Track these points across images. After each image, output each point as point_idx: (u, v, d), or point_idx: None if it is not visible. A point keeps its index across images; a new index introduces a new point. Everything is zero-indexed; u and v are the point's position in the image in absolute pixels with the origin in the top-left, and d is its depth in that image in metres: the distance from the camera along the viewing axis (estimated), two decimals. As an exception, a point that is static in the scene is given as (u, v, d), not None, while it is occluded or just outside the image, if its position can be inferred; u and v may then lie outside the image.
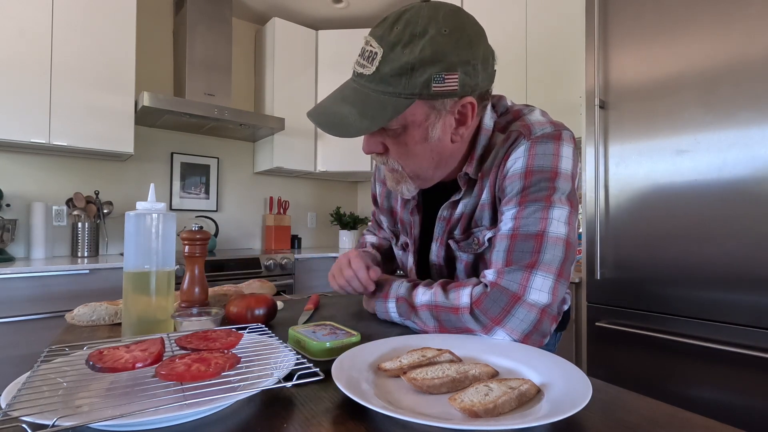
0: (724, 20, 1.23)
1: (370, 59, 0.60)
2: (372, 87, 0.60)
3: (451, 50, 0.58)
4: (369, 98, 0.60)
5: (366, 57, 0.60)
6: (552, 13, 1.99)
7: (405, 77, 0.58)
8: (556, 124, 0.69)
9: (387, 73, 0.58)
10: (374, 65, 0.59)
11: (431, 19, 0.59)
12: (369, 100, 0.60)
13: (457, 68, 0.59)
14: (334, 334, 0.59)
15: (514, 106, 0.74)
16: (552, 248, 0.62)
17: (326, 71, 3.07)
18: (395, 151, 0.67)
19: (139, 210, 0.65)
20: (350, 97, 0.61)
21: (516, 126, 0.70)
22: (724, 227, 1.21)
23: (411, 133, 0.64)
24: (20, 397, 0.38)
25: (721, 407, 1.21)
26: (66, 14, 2.08)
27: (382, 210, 0.96)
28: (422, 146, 0.65)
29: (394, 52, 0.58)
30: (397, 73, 0.58)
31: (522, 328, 0.60)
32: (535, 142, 0.66)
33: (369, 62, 0.60)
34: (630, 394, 0.46)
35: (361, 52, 0.62)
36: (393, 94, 0.59)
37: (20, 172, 2.26)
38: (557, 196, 0.64)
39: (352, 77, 0.64)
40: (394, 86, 0.59)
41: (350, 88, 0.62)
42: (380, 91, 0.59)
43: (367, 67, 0.60)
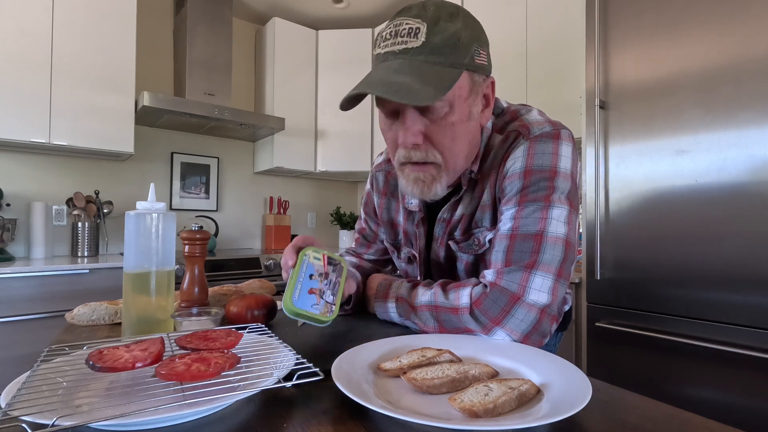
0: (725, 20, 1.23)
1: (412, 34, 0.59)
2: (422, 59, 0.59)
3: (480, 30, 0.63)
4: (423, 69, 0.58)
5: (404, 34, 0.60)
6: (552, 13, 1.99)
7: (454, 47, 0.59)
8: (555, 124, 0.68)
9: (437, 43, 0.59)
10: (420, 38, 0.59)
11: (455, 5, 0.63)
12: (424, 70, 0.58)
13: (486, 47, 0.64)
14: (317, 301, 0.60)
15: (510, 107, 0.74)
16: (551, 248, 0.62)
17: (326, 71, 3.07)
18: (439, 137, 0.64)
19: (139, 210, 0.65)
20: (403, 70, 0.58)
21: (514, 126, 0.69)
22: (723, 227, 1.21)
23: (457, 110, 0.63)
24: (20, 396, 0.38)
25: (721, 407, 1.21)
26: (66, 14, 2.08)
27: (381, 222, 0.92)
28: (465, 126, 0.65)
29: (438, 25, 0.59)
30: (447, 43, 0.59)
31: (522, 328, 0.60)
32: (534, 141, 0.66)
33: (412, 37, 0.59)
34: (630, 394, 0.46)
35: (389, 35, 0.61)
36: (445, 64, 0.59)
37: (20, 172, 2.26)
38: (556, 195, 0.64)
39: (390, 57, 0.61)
40: (445, 56, 0.59)
41: (397, 63, 0.60)
42: (432, 62, 0.59)
43: (411, 42, 0.59)
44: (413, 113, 0.63)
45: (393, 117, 0.66)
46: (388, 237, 0.92)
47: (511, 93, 2.15)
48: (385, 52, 0.61)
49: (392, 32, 0.61)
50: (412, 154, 0.65)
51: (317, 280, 0.61)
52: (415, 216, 0.81)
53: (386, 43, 0.61)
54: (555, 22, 1.98)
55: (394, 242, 0.92)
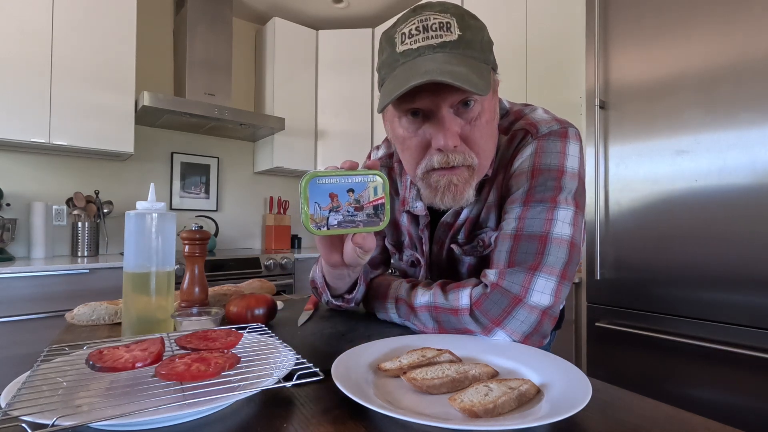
0: (725, 21, 1.23)
1: (444, 28, 0.56)
2: (460, 52, 0.56)
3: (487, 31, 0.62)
4: (469, 61, 0.55)
5: (435, 28, 0.56)
6: (552, 13, 1.99)
7: (483, 44, 0.58)
8: (562, 122, 0.67)
9: (471, 39, 0.57)
10: (455, 32, 0.56)
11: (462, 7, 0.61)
12: (470, 63, 0.55)
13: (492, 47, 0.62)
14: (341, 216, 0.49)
15: (513, 107, 0.73)
16: (556, 250, 0.61)
17: (326, 71, 3.07)
18: (476, 137, 0.61)
19: (139, 210, 0.65)
20: (453, 61, 0.54)
21: (520, 125, 0.68)
22: (723, 227, 1.21)
23: (487, 109, 0.61)
24: (20, 396, 0.38)
25: (721, 407, 1.21)
26: (66, 14, 2.08)
27: None
28: (492, 126, 0.64)
29: (464, 21, 0.57)
30: (478, 39, 0.58)
31: (522, 329, 0.60)
32: (542, 140, 0.65)
33: (446, 30, 0.56)
34: (630, 395, 0.46)
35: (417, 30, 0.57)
36: (479, 60, 0.57)
37: (20, 172, 2.26)
38: (563, 196, 0.63)
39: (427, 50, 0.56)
40: (479, 51, 0.58)
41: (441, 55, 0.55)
42: (471, 56, 0.57)
43: (447, 35, 0.56)
44: (450, 113, 0.59)
45: (417, 122, 0.61)
46: (390, 237, 0.89)
47: (511, 93, 2.15)
48: (419, 47, 0.57)
49: (420, 27, 0.57)
50: (450, 157, 0.60)
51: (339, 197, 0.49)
52: (421, 220, 0.79)
53: (416, 38, 0.57)
54: (555, 22, 1.98)
55: (396, 243, 0.88)
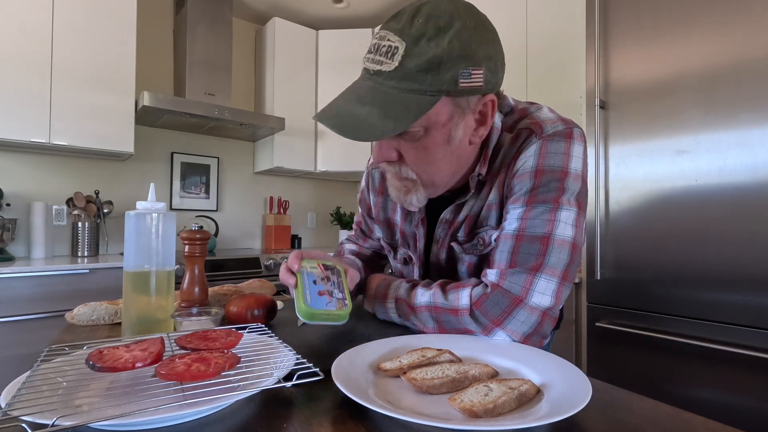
0: (725, 21, 1.23)
1: (389, 54, 0.55)
2: (393, 84, 0.56)
3: (477, 45, 0.56)
4: (390, 97, 0.55)
5: (382, 52, 0.56)
6: (552, 13, 1.99)
7: (432, 72, 0.54)
8: (567, 122, 0.67)
9: (412, 69, 0.54)
10: (396, 60, 0.55)
11: (454, 13, 0.56)
12: (391, 99, 0.55)
13: (482, 64, 0.57)
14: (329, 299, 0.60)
15: (518, 105, 0.72)
16: (558, 251, 0.61)
17: (326, 71, 3.07)
18: (412, 157, 0.63)
19: (139, 210, 0.65)
20: (368, 97, 0.56)
21: (525, 124, 0.67)
22: (724, 228, 1.21)
23: (433, 135, 0.60)
24: (20, 396, 0.38)
25: (721, 407, 1.21)
26: (66, 14, 2.08)
27: (377, 221, 0.91)
28: (443, 149, 0.62)
29: (419, 45, 0.54)
30: (424, 68, 0.54)
31: (523, 330, 0.60)
32: (546, 140, 0.64)
33: (388, 57, 0.55)
34: (630, 395, 0.46)
35: (373, 48, 0.58)
36: (418, 92, 0.55)
37: (20, 172, 2.26)
38: (566, 197, 0.63)
39: (366, 75, 0.59)
40: (419, 82, 0.55)
41: (366, 87, 0.58)
42: (403, 89, 0.55)
43: (386, 63, 0.56)
44: None
45: None
46: (385, 236, 0.90)
47: (511, 93, 2.13)
48: (364, 68, 0.59)
49: (375, 45, 0.58)
50: (386, 167, 0.66)
51: (321, 284, 0.62)
52: (415, 216, 0.80)
53: (368, 57, 0.58)
54: (555, 22, 1.98)
55: (391, 242, 0.89)
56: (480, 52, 0.57)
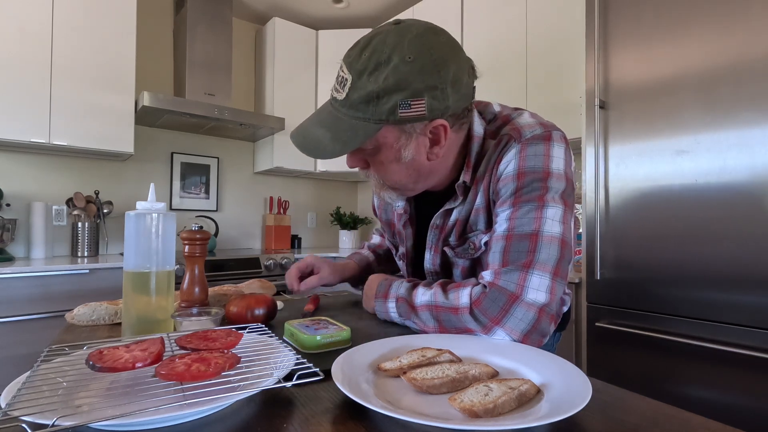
0: (725, 21, 1.23)
1: (342, 85, 0.62)
2: (344, 111, 0.62)
3: (414, 77, 0.59)
4: (342, 122, 0.62)
5: (339, 82, 0.63)
6: (552, 13, 1.99)
7: (372, 104, 0.60)
8: (546, 125, 0.69)
9: (356, 100, 0.60)
10: (345, 91, 0.61)
11: (396, 47, 0.59)
12: (342, 124, 0.62)
13: (423, 94, 0.60)
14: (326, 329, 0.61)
15: (502, 111, 0.75)
16: (547, 247, 0.62)
17: (326, 71, 3.07)
18: (374, 167, 0.70)
19: (139, 210, 0.65)
20: (326, 121, 0.64)
21: (506, 130, 0.70)
22: (724, 228, 1.21)
23: (384, 153, 0.66)
24: (20, 396, 0.38)
25: (721, 407, 1.21)
26: (66, 14, 2.08)
27: (382, 222, 0.98)
28: (397, 165, 0.67)
29: (360, 80, 0.60)
30: (364, 101, 0.60)
31: (521, 327, 0.60)
32: (525, 144, 0.67)
33: (342, 88, 0.62)
34: (630, 395, 0.46)
35: (337, 75, 0.65)
36: (363, 119, 0.61)
37: (20, 172, 2.26)
38: (550, 195, 0.65)
39: (329, 100, 0.66)
40: (363, 112, 0.61)
41: (326, 112, 0.65)
42: (351, 116, 0.61)
43: (339, 92, 0.62)
44: None
45: None
46: (388, 235, 0.97)
47: (511, 93, 2.15)
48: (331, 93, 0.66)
49: (337, 74, 0.65)
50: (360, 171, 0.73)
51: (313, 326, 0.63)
52: (403, 217, 0.85)
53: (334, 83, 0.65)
54: (555, 22, 1.98)
55: (392, 241, 0.95)
56: (418, 84, 0.59)
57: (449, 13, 2.48)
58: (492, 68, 2.25)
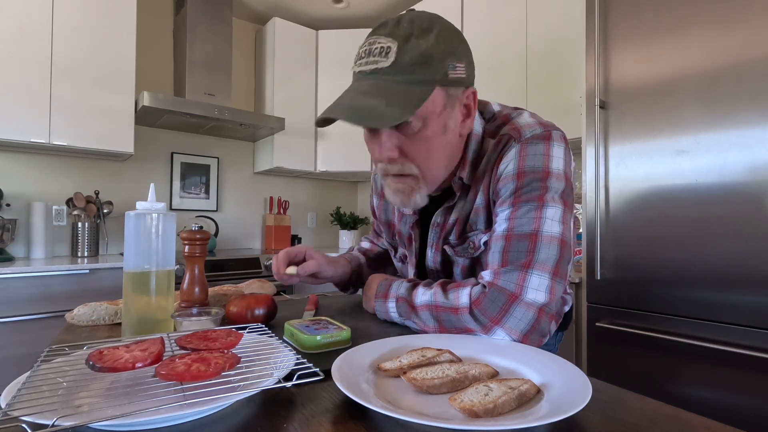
0: (725, 21, 1.23)
1: (383, 53, 0.60)
2: (391, 78, 0.60)
3: (456, 43, 0.63)
4: (392, 89, 0.60)
5: (376, 53, 0.61)
6: (552, 13, 1.99)
7: (425, 65, 0.60)
8: (546, 125, 0.69)
9: (407, 62, 0.60)
10: (390, 57, 0.60)
11: (432, 19, 0.63)
12: (392, 91, 0.60)
13: (463, 58, 0.64)
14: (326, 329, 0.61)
15: (502, 111, 0.75)
16: (546, 247, 0.62)
17: (326, 71, 3.07)
18: (414, 151, 0.66)
19: (139, 210, 0.65)
20: (372, 91, 0.60)
21: (506, 130, 0.70)
22: (724, 227, 1.21)
23: (431, 125, 0.64)
24: (20, 396, 0.38)
25: (721, 407, 1.21)
26: (66, 14, 2.08)
27: (380, 222, 0.97)
28: (440, 140, 0.66)
29: (409, 43, 0.60)
30: (418, 61, 0.60)
31: (521, 327, 0.60)
32: (525, 144, 0.67)
33: (383, 56, 0.60)
34: (630, 394, 0.46)
35: (363, 53, 0.63)
36: (415, 82, 0.60)
37: (20, 172, 2.26)
38: (550, 195, 0.65)
39: (362, 77, 0.63)
40: (415, 74, 0.60)
41: (366, 84, 0.61)
42: (401, 81, 0.60)
43: (381, 62, 0.61)
44: (387, 129, 0.64)
45: (372, 131, 0.68)
46: (387, 237, 0.96)
47: (511, 93, 2.15)
48: (358, 72, 0.64)
49: (366, 51, 0.63)
50: (388, 167, 0.68)
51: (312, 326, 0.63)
52: (409, 218, 0.84)
53: (360, 62, 0.63)
54: (555, 22, 1.98)
55: (392, 242, 0.95)
56: (459, 49, 0.64)
57: (449, 13, 2.48)
58: (492, 68, 2.25)
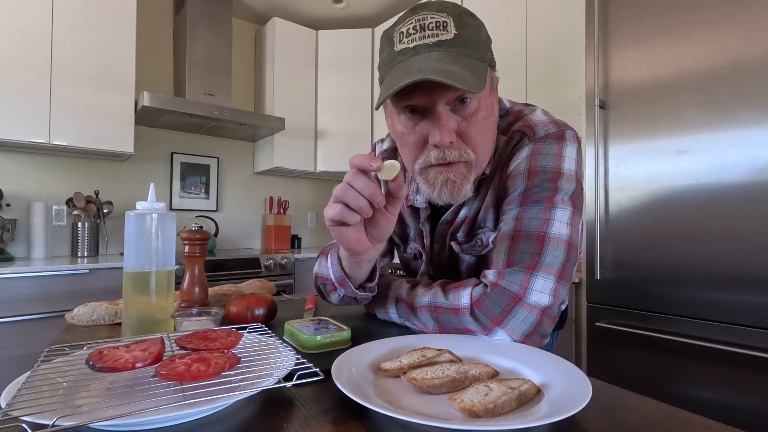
0: (725, 21, 1.23)
1: (441, 27, 0.58)
2: (456, 50, 0.58)
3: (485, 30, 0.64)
4: (463, 61, 0.57)
5: (431, 27, 0.58)
6: (552, 13, 1.99)
7: (480, 42, 0.60)
8: (559, 124, 0.68)
9: (468, 37, 0.58)
10: (451, 31, 0.58)
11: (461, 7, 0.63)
12: (465, 62, 0.57)
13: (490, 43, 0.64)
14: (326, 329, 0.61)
15: (514, 107, 0.73)
16: (553, 250, 0.61)
17: (326, 71, 3.07)
18: (472, 133, 0.62)
19: (139, 210, 0.65)
20: (447, 60, 0.56)
21: (518, 126, 0.69)
22: (723, 227, 1.21)
23: (483, 106, 0.62)
24: (20, 396, 0.38)
25: (721, 407, 1.21)
26: (66, 14, 2.08)
27: None
28: (490, 122, 0.65)
29: (462, 19, 0.58)
30: (475, 38, 0.59)
31: (522, 329, 0.60)
32: (538, 142, 0.66)
33: (442, 30, 0.57)
34: (630, 394, 0.46)
35: (415, 29, 0.59)
36: (476, 58, 0.59)
37: (20, 172, 2.26)
38: (560, 196, 0.64)
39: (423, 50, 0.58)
40: (475, 50, 0.59)
41: (436, 54, 0.57)
42: (465, 55, 0.58)
43: (443, 34, 0.58)
44: (446, 110, 0.60)
45: (415, 119, 0.63)
46: (396, 229, 0.89)
47: (511, 93, 2.15)
48: (416, 45, 0.58)
49: (418, 26, 0.58)
50: (447, 153, 0.61)
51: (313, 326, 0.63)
52: (421, 213, 0.80)
53: (413, 37, 0.59)
54: (555, 22, 1.98)
55: (402, 235, 0.88)
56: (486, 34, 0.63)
57: (449, 13, 2.48)
58: None
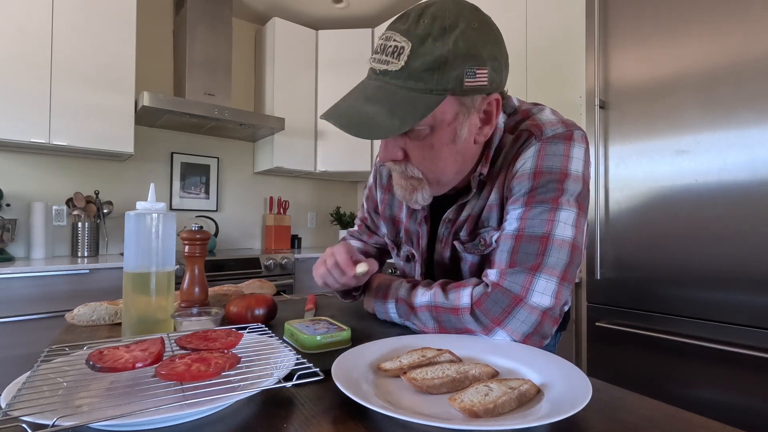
0: (725, 21, 1.23)
1: (395, 54, 0.56)
2: (399, 83, 0.57)
3: (482, 45, 0.57)
4: (397, 96, 0.56)
5: (389, 52, 0.57)
6: (552, 13, 1.99)
7: (438, 72, 0.55)
8: (568, 124, 0.66)
9: (418, 68, 0.55)
10: (402, 60, 0.56)
11: (459, 14, 0.57)
12: (397, 98, 0.56)
13: (487, 63, 0.58)
14: (326, 329, 0.61)
15: (521, 106, 0.72)
16: (557, 251, 0.61)
17: (326, 71, 3.07)
18: (418, 156, 0.63)
19: (139, 210, 0.65)
20: (375, 96, 0.57)
21: (526, 125, 0.67)
22: (724, 227, 1.21)
23: (438, 134, 0.61)
24: (20, 396, 0.38)
25: (721, 407, 1.21)
26: (66, 14, 2.08)
27: (383, 218, 0.91)
28: (449, 148, 0.63)
29: (424, 45, 0.55)
30: (429, 68, 0.55)
31: (523, 329, 0.59)
32: (545, 142, 0.64)
33: (394, 57, 0.56)
34: (630, 395, 0.46)
35: (379, 48, 0.59)
36: (424, 91, 0.56)
37: (20, 172, 2.26)
38: (565, 198, 0.63)
39: (372, 75, 0.60)
40: (425, 82, 0.56)
41: (372, 87, 0.58)
42: (409, 88, 0.56)
43: (392, 63, 0.57)
44: None
45: None
46: (389, 233, 0.91)
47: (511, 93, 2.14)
48: (371, 68, 0.60)
49: (381, 46, 0.59)
50: (392, 166, 0.66)
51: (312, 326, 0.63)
52: (418, 214, 0.80)
53: (375, 57, 0.60)
54: (555, 22, 1.98)
55: (395, 239, 0.89)
56: (484, 52, 0.58)
57: (449, 13, 2.48)
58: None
